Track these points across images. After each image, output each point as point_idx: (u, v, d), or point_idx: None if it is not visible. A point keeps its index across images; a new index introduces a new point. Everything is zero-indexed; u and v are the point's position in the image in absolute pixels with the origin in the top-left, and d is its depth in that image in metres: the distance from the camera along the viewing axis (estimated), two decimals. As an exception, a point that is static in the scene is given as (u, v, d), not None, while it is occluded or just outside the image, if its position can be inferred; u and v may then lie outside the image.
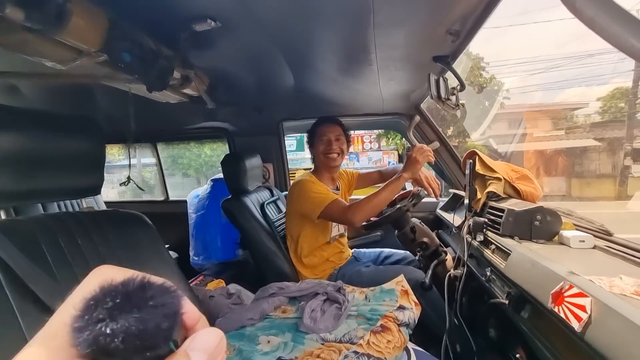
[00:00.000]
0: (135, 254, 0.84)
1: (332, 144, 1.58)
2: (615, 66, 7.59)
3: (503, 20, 12.76)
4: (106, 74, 1.22)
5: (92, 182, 0.88)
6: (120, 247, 0.81)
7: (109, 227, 0.82)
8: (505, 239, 0.95)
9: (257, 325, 0.88)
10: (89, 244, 0.76)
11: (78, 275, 0.71)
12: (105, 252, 0.79)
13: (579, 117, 9.93)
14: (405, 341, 0.81)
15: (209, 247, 2.09)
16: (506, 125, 8.65)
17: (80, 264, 0.73)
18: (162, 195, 2.84)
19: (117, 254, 0.80)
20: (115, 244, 0.81)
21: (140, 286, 0.20)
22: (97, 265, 0.21)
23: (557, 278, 0.64)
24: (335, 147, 1.58)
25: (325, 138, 1.59)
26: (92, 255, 0.76)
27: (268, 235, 1.54)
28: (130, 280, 0.20)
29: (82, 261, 0.73)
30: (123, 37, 1.00)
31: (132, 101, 1.36)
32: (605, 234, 0.91)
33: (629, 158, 6.34)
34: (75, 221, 0.76)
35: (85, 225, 0.77)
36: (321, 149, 1.60)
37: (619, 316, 0.49)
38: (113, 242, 0.81)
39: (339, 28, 0.93)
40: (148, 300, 0.20)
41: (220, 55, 1.29)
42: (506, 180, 1.15)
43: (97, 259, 0.77)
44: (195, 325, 0.22)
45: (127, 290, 0.20)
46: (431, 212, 1.94)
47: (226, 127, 2.18)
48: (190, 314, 0.22)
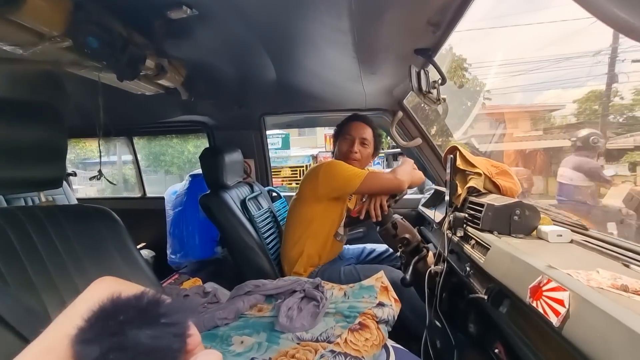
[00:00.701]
0: (97, 251, 0.79)
1: (354, 146, 1.49)
2: (590, 69, 7.87)
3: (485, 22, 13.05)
4: (72, 60, 1.14)
5: (52, 174, 0.82)
6: (81, 243, 0.76)
7: (68, 222, 0.76)
8: (485, 234, 0.95)
9: (231, 325, 0.84)
10: (44, 240, 0.70)
11: (31, 275, 0.65)
12: (65, 248, 0.73)
13: (557, 119, 10.30)
14: (384, 339, 0.79)
15: (186, 244, 2.03)
16: (488, 125, 8.86)
17: (34, 262, 0.67)
18: (139, 192, 2.74)
19: (77, 251, 0.74)
20: (75, 239, 0.75)
21: (153, 302, 0.19)
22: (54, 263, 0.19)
23: (535, 272, 0.64)
24: (357, 150, 1.49)
25: (350, 138, 1.50)
26: (49, 252, 0.70)
27: (248, 232, 1.49)
28: (143, 294, 0.19)
29: (36, 259, 0.68)
30: (89, 21, 0.94)
31: (103, 91, 1.28)
32: (582, 228, 0.91)
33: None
34: (27, 215, 0.70)
35: (40, 220, 0.71)
36: (344, 148, 1.51)
37: (597, 310, 0.48)
38: (73, 238, 0.75)
39: (319, 18, 0.90)
40: (160, 317, 0.19)
41: (198, 45, 1.23)
42: (486, 176, 1.15)
43: (54, 257, 0.71)
44: (195, 349, 0.21)
45: (140, 305, 0.19)
46: (413, 209, 1.95)
47: (205, 121, 2.11)
48: (195, 336, 0.21)
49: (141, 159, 2.76)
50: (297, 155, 8.57)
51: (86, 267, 0.76)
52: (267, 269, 1.46)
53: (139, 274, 0.87)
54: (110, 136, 2.27)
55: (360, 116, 1.57)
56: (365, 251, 1.69)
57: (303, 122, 2.53)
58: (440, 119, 4.91)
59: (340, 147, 1.52)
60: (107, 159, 5.36)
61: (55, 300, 0.67)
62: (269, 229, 1.68)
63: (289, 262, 1.48)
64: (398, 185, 1.36)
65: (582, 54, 8.51)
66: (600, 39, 13.62)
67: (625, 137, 7.22)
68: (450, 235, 1.13)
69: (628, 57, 7.37)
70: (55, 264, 0.70)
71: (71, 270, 0.73)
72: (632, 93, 7.91)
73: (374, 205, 1.37)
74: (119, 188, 4.85)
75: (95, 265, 0.78)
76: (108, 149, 5.02)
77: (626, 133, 7.45)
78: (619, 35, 7.20)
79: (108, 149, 4.98)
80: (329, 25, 0.91)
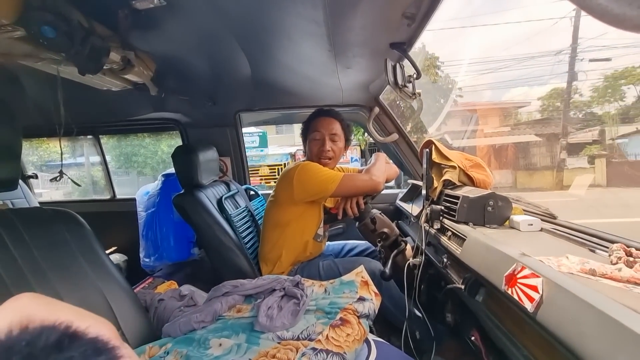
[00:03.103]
0: (59, 256, 0.73)
1: (325, 145, 1.42)
2: (552, 68, 8.32)
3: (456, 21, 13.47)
4: (27, 52, 1.05)
5: (5, 175, 0.75)
6: (40, 248, 0.70)
7: (25, 225, 0.70)
8: (461, 225, 0.97)
9: (209, 328, 0.81)
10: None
11: (-17, 284, 0.60)
12: (21, 254, 0.68)
13: (523, 115, 10.83)
14: (366, 333, 0.79)
15: (160, 247, 1.94)
16: (460, 121, 9.17)
17: (-15, 271, 0.61)
18: (108, 194, 2.60)
19: (35, 256, 0.69)
20: (33, 244, 0.69)
21: (55, 343, 0.16)
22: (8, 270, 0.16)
23: (510, 260, 0.65)
24: (329, 148, 1.42)
25: (319, 135, 1.43)
26: (2, 258, 0.64)
27: (225, 232, 1.45)
28: (48, 330, 0.16)
29: (-12, 267, 0.62)
30: (43, 8, 0.87)
31: (64, 87, 1.20)
32: (551, 217, 0.95)
33: (564, 152, 7.05)
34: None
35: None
36: (314, 150, 1.44)
37: (569, 294, 0.49)
38: (30, 243, 0.69)
39: (293, 8, 0.88)
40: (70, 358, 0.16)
41: (167, 37, 1.18)
42: (460, 169, 1.17)
43: (10, 263, 0.65)
44: None
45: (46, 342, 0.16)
46: (391, 203, 1.97)
47: (178, 119, 2.03)
48: None
49: (112, 159, 2.63)
50: (275, 153, 8.50)
51: (47, 274, 0.71)
52: (246, 269, 1.43)
53: (107, 278, 0.82)
54: (72, 135, 2.14)
55: (326, 110, 1.50)
56: (345, 248, 1.69)
57: (280, 119, 2.49)
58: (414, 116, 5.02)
59: (311, 148, 1.46)
60: (73, 160, 5.07)
61: (11, 312, 0.62)
62: (247, 228, 1.65)
63: (267, 263, 1.45)
64: (374, 186, 1.34)
65: (545, 54, 8.97)
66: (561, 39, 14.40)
67: (584, 132, 7.71)
68: (428, 228, 1.15)
69: (586, 57, 7.86)
70: (10, 271, 0.65)
71: (30, 278, 0.68)
72: (590, 90, 8.44)
73: (351, 204, 1.37)
74: (87, 190, 4.61)
75: (57, 271, 0.72)
76: (74, 150, 4.75)
77: (585, 128, 7.96)
78: (578, 36, 7.65)
79: (74, 149, 4.71)
80: (303, 15, 0.89)
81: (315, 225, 1.44)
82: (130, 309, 0.84)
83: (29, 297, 0.19)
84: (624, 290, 0.51)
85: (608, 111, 8.28)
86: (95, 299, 0.77)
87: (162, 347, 0.77)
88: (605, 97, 8.28)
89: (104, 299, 0.80)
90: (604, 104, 8.34)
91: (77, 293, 0.75)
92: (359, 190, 1.35)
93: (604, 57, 7.88)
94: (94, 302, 0.77)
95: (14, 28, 0.89)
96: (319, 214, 1.45)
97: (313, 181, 1.32)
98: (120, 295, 0.83)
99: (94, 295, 0.78)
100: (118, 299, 0.82)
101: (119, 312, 0.81)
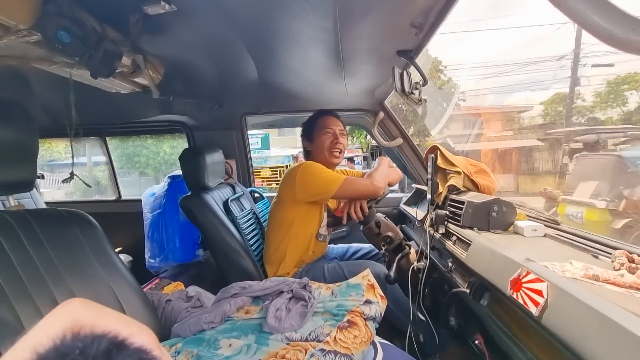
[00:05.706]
0: (73, 257, 0.75)
1: (338, 138, 1.47)
2: (555, 73, 8.34)
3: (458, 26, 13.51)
4: (41, 56, 1.08)
5: (23, 176, 0.78)
6: (55, 249, 0.72)
7: (41, 227, 0.72)
8: (466, 230, 0.98)
9: (218, 329, 0.82)
10: (15, 246, 0.66)
11: (2, 283, 0.61)
12: (38, 255, 0.70)
13: (525, 120, 10.83)
14: (372, 335, 0.81)
15: (166, 248, 1.96)
16: (462, 125, 9.17)
17: (4, 270, 0.63)
18: (113, 195, 2.63)
19: (52, 257, 0.71)
20: (49, 245, 0.71)
21: (104, 352, 0.17)
22: (27, 271, 0.16)
23: (515, 265, 0.67)
24: (341, 142, 1.48)
25: (331, 132, 1.48)
26: (21, 259, 0.66)
27: (231, 234, 1.46)
28: (98, 338, 0.17)
29: (6, 267, 0.64)
30: (59, 14, 0.89)
31: (75, 89, 1.22)
32: (554, 223, 0.97)
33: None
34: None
35: (10, 225, 0.67)
36: (327, 143, 1.47)
37: (573, 299, 0.51)
38: (47, 244, 0.71)
39: (302, 17, 0.90)
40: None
41: (176, 42, 1.20)
42: (465, 174, 1.19)
43: (27, 264, 0.67)
44: None
45: (86, 359, 0.16)
46: (395, 207, 1.98)
47: (184, 121, 2.05)
48: None
49: (114, 160, 2.64)
50: (277, 155, 8.51)
51: (62, 274, 0.73)
52: (252, 271, 1.44)
53: (119, 278, 0.84)
54: (80, 136, 2.18)
55: (329, 110, 1.55)
56: (350, 250, 1.70)
57: (284, 122, 2.51)
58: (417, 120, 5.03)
59: (322, 143, 1.48)
60: (76, 160, 5.07)
61: (29, 310, 0.64)
62: (252, 230, 1.66)
63: (272, 265, 1.47)
64: (374, 191, 1.37)
65: (548, 59, 9.00)
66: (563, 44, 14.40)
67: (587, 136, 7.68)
68: (432, 233, 1.16)
69: (589, 62, 7.88)
70: (29, 271, 0.67)
71: (46, 278, 0.69)
72: (593, 95, 8.44)
73: (354, 208, 1.38)
74: (89, 191, 4.63)
75: (72, 272, 0.74)
76: (77, 150, 4.77)
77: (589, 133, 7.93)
78: (581, 42, 7.67)
79: (77, 150, 4.72)
80: (314, 24, 0.91)
81: (317, 224, 1.47)
82: (140, 308, 0.86)
83: (79, 303, 0.20)
84: (626, 296, 0.52)
85: (611, 116, 8.28)
86: (107, 298, 0.79)
87: (173, 347, 0.79)
88: (608, 103, 8.29)
89: (115, 298, 0.81)
90: (607, 109, 8.35)
91: (90, 292, 0.77)
92: (359, 194, 1.38)
93: (606, 62, 7.90)
94: (106, 301, 0.78)
95: (30, 33, 0.92)
96: (321, 214, 1.47)
97: (315, 182, 1.34)
98: (131, 295, 0.85)
99: (106, 295, 0.80)
100: (129, 299, 0.84)
101: (130, 311, 0.83)
